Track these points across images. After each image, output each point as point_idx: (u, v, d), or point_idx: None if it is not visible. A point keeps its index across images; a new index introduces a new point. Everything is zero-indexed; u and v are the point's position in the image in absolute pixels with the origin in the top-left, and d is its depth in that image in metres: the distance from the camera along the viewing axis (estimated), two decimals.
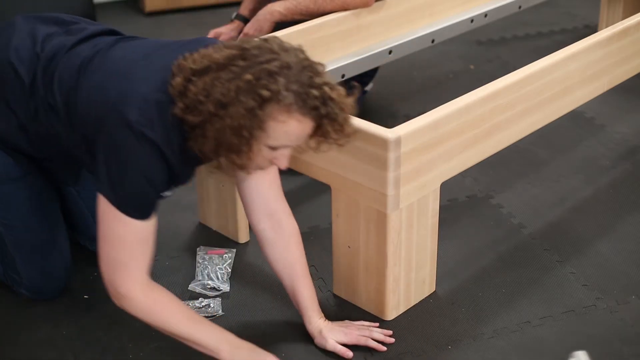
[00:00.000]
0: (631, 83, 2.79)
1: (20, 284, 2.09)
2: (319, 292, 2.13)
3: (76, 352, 1.95)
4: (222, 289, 2.14)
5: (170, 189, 1.79)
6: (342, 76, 2.53)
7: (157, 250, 2.29)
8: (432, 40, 2.79)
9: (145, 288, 1.76)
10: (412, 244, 1.98)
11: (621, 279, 2.18)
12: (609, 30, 2.42)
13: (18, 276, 2.07)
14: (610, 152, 2.81)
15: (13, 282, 2.10)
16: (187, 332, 1.76)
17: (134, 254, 1.73)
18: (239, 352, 1.78)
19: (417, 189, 1.92)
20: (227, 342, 1.78)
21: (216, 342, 1.77)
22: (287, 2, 2.55)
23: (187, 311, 1.80)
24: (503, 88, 2.06)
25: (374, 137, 1.83)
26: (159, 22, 4.03)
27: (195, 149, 1.67)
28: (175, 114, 1.64)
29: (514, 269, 2.23)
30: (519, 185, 2.63)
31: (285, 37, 2.37)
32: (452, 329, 2.01)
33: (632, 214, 2.47)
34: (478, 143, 2.05)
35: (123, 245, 1.72)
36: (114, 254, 1.73)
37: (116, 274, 1.74)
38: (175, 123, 1.65)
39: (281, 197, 1.96)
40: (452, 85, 3.35)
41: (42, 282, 2.08)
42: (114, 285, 1.75)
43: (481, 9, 2.96)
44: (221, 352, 1.76)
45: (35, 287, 2.08)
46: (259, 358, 1.79)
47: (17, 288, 2.10)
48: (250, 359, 1.78)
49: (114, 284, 1.75)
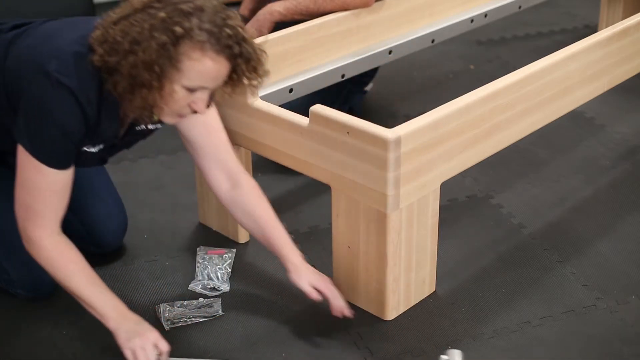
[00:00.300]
0: (631, 83, 2.79)
1: (13, 284, 2.08)
2: None
3: (76, 352, 1.95)
4: (222, 289, 2.14)
5: (93, 143, 1.84)
6: (342, 76, 2.53)
7: (157, 250, 2.30)
8: (432, 40, 2.79)
9: (54, 240, 1.82)
10: (412, 244, 1.98)
11: (621, 279, 2.18)
12: (609, 30, 2.42)
13: (8, 276, 2.07)
14: (610, 152, 2.81)
15: (7, 284, 2.09)
16: (82, 293, 1.82)
17: (47, 203, 1.79)
18: (125, 322, 1.82)
19: (417, 189, 1.92)
20: (117, 311, 1.83)
21: (106, 309, 1.82)
22: (287, 2, 2.55)
23: (89, 272, 1.84)
24: (503, 88, 2.06)
25: (374, 137, 1.83)
26: None
27: (112, 91, 1.72)
28: (93, 61, 1.70)
29: (514, 269, 2.23)
30: (519, 185, 2.63)
31: (285, 37, 2.37)
32: (452, 329, 2.01)
33: (632, 214, 2.47)
34: (478, 143, 2.05)
35: (38, 193, 1.78)
36: (29, 201, 1.79)
37: (29, 221, 1.80)
38: (93, 72, 1.72)
39: (234, 157, 2.03)
40: (452, 85, 3.35)
41: (32, 279, 2.06)
42: (25, 231, 1.81)
43: (481, 9, 2.96)
44: (109, 320, 1.81)
45: (27, 284, 2.07)
46: (143, 331, 1.81)
47: (13, 289, 2.10)
48: (134, 330, 1.81)
49: (26, 230, 1.81)
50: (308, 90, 2.44)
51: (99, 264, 2.24)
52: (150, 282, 2.18)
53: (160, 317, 2.03)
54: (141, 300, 2.11)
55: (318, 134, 1.95)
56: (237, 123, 2.14)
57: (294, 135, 2.01)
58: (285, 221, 2.42)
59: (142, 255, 2.29)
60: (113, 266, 2.24)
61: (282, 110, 2.05)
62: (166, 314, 2.03)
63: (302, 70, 2.44)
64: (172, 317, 2.02)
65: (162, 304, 2.06)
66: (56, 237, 1.82)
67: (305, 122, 1.97)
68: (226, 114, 2.14)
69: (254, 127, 2.10)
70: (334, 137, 1.91)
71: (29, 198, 1.79)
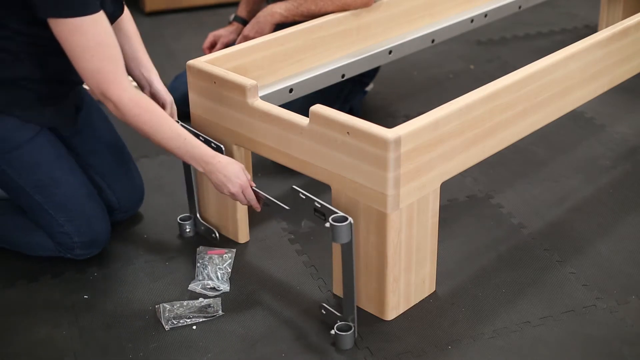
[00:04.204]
0: (631, 83, 2.79)
1: (72, 247, 2.17)
2: (319, 292, 2.13)
3: (76, 352, 1.95)
4: (222, 289, 2.14)
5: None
6: (342, 76, 2.53)
7: (157, 250, 2.30)
8: (432, 40, 2.79)
9: (131, 94, 1.96)
10: (412, 244, 1.99)
11: (621, 279, 2.18)
12: (609, 30, 2.42)
13: (70, 239, 2.15)
14: (610, 152, 2.81)
15: (66, 249, 2.19)
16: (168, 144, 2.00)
17: (106, 57, 1.92)
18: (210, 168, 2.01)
19: (417, 189, 1.92)
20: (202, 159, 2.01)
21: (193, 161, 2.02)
22: (287, 3, 2.55)
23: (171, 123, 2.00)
24: (503, 88, 2.06)
25: (374, 137, 1.83)
26: (159, 22, 4.02)
27: None
28: None
29: (514, 269, 2.23)
30: (519, 185, 2.63)
31: (285, 37, 2.37)
32: (452, 329, 2.01)
33: (632, 214, 2.47)
34: (478, 143, 2.05)
35: (93, 53, 1.91)
36: (91, 65, 1.92)
37: (102, 84, 1.94)
38: None
39: None
40: (452, 85, 3.35)
41: (92, 233, 2.18)
42: (105, 95, 1.95)
43: (481, 9, 2.96)
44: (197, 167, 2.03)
45: (87, 240, 2.18)
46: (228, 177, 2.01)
47: (71, 253, 2.19)
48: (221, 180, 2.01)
49: (105, 95, 1.95)
50: (308, 90, 2.45)
51: (100, 264, 2.24)
52: (150, 282, 2.18)
53: (160, 317, 2.03)
54: (141, 300, 2.11)
55: (318, 134, 1.95)
56: (237, 123, 2.14)
57: (294, 135, 2.01)
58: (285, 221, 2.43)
59: (142, 255, 2.29)
60: (113, 266, 2.24)
61: (282, 110, 2.05)
62: (166, 314, 2.03)
63: (302, 70, 2.44)
64: (172, 317, 2.02)
65: (162, 304, 2.06)
66: (131, 91, 1.97)
67: (305, 122, 1.97)
68: (226, 114, 2.15)
69: (254, 127, 2.10)
70: (334, 137, 1.91)
71: (87, 62, 1.92)
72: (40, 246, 2.21)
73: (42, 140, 2.12)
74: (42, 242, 2.20)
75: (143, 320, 2.04)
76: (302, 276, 2.20)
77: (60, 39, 1.92)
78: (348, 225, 1.84)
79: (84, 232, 2.17)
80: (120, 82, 1.95)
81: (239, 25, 2.81)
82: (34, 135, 2.10)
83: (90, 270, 2.22)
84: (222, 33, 2.79)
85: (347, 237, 1.85)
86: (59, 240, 2.17)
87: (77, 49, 1.92)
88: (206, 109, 2.20)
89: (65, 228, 2.15)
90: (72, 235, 2.16)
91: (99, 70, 1.93)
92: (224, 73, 2.13)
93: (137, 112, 1.97)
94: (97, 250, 2.22)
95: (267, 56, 2.34)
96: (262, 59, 2.32)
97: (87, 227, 2.17)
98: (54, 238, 2.18)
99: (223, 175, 2.01)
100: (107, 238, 2.23)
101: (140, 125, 1.98)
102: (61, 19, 1.89)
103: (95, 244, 2.21)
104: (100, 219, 2.20)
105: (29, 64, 2.05)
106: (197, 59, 2.21)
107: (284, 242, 2.35)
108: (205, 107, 2.21)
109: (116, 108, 1.96)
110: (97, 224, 2.19)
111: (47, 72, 2.07)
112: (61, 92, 2.16)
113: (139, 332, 2.00)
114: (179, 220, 2.37)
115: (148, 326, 2.02)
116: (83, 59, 1.93)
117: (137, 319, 2.05)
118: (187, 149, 2.02)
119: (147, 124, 1.98)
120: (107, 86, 1.94)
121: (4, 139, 2.08)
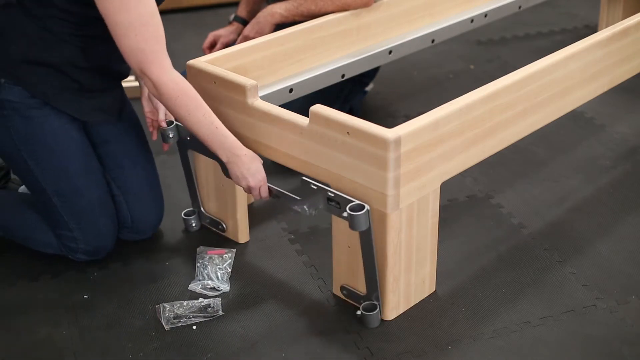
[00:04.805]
0: (631, 83, 2.79)
1: (76, 250, 2.19)
2: (319, 292, 2.13)
3: (76, 352, 1.95)
4: (222, 289, 2.14)
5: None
6: (342, 76, 2.53)
7: (157, 250, 2.30)
8: (432, 40, 2.79)
9: (172, 76, 1.96)
10: (412, 244, 1.98)
11: (621, 279, 2.18)
12: (609, 30, 2.42)
13: (75, 244, 2.17)
14: (610, 152, 2.81)
15: (69, 250, 2.20)
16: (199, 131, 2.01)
17: (150, 37, 1.92)
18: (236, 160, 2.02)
19: (417, 189, 1.92)
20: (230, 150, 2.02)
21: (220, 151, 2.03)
22: (287, 4, 2.55)
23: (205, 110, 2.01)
24: (503, 88, 2.06)
25: (374, 137, 1.83)
26: None
27: None
28: None
29: (514, 269, 2.23)
30: (519, 185, 2.63)
31: (285, 37, 2.37)
32: (452, 329, 2.01)
33: (632, 214, 2.47)
34: (478, 143, 2.05)
35: (138, 32, 1.91)
36: (134, 44, 1.92)
37: (144, 64, 1.94)
38: None
39: None
40: (452, 85, 3.35)
41: (98, 244, 2.19)
42: (145, 74, 1.95)
43: (481, 9, 2.96)
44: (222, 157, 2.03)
45: (91, 249, 2.19)
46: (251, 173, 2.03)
47: (72, 256, 2.21)
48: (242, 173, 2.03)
49: (145, 73, 1.95)
50: (308, 90, 2.45)
51: (100, 264, 2.24)
52: (150, 282, 2.18)
53: (160, 317, 2.03)
54: (141, 300, 2.11)
55: (318, 134, 1.95)
56: (237, 123, 2.14)
57: (294, 135, 2.01)
58: (285, 221, 2.43)
59: (142, 255, 2.29)
60: (113, 266, 2.24)
61: (282, 110, 2.05)
62: (166, 314, 2.03)
63: (302, 70, 2.44)
64: (172, 317, 2.02)
65: (162, 304, 2.06)
66: (172, 72, 1.97)
67: (305, 122, 1.97)
68: (226, 114, 2.14)
69: (254, 127, 2.10)
70: (334, 137, 1.91)
71: (130, 40, 1.91)
72: (45, 244, 2.22)
73: (75, 148, 2.12)
74: (48, 240, 2.21)
75: (143, 320, 2.04)
76: (302, 276, 2.20)
77: (105, 16, 1.92)
78: (365, 213, 1.86)
79: (91, 241, 2.18)
80: (161, 62, 1.95)
81: (239, 25, 2.81)
82: (69, 141, 2.10)
83: (90, 270, 2.22)
84: (222, 33, 2.79)
85: (365, 225, 1.87)
86: (64, 241, 2.18)
87: (121, 26, 1.91)
88: None
89: (74, 233, 2.16)
90: (79, 241, 2.17)
91: (142, 49, 1.92)
92: (224, 73, 2.13)
93: (175, 95, 1.97)
94: (99, 257, 2.23)
95: (267, 56, 2.34)
96: (262, 59, 2.33)
97: (94, 238, 2.18)
98: (60, 238, 2.18)
99: (246, 169, 2.03)
100: (110, 249, 2.24)
101: (177, 107, 1.98)
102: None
103: (98, 253, 2.22)
104: (110, 235, 2.21)
105: (72, 48, 2.04)
106: (197, 59, 2.21)
107: (284, 242, 2.35)
108: None
109: (154, 87, 1.96)
110: (105, 238, 2.20)
111: (91, 59, 2.07)
112: (103, 84, 2.15)
113: (139, 332, 2.00)
114: (184, 216, 2.37)
115: (148, 326, 2.02)
116: (127, 37, 1.92)
117: (137, 319, 2.05)
118: (217, 137, 2.02)
119: (183, 107, 1.98)
120: (148, 66, 1.94)
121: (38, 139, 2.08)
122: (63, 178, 2.12)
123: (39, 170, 2.10)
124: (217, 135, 2.02)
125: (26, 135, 2.07)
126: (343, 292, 2.07)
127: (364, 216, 1.86)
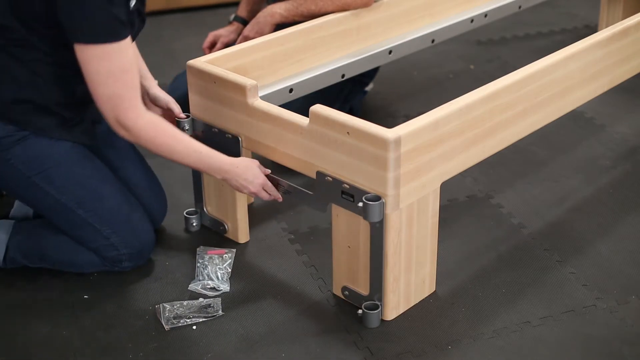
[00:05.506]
0: (631, 83, 2.79)
1: (120, 259, 2.15)
2: (319, 292, 2.13)
3: (76, 352, 1.95)
4: (222, 289, 2.14)
5: None
6: (342, 76, 2.53)
7: (157, 250, 2.30)
8: (432, 40, 2.79)
9: (147, 118, 1.95)
10: (412, 244, 1.98)
11: (621, 279, 2.18)
12: (609, 30, 2.42)
13: (116, 251, 2.13)
14: (610, 152, 2.81)
15: (113, 262, 2.15)
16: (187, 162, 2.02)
17: (126, 83, 1.90)
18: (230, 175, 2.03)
19: (417, 189, 1.92)
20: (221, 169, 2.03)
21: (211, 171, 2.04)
22: (287, 4, 2.55)
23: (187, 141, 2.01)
24: (503, 88, 2.06)
25: (374, 137, 1.83)
26: (158, 22, 4.02)
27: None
28: None
29: (514, 269, 2.23)
30: (519, 185, 2.63)
31: (285, 37, 2.37)
32: (452, 329, 2.01)
33: (632, 214, 2.47)
34: (478, 143, 2.05)
35: (115, 78, 1.89)
36: (109, 90, 1.90)
37: (118, 108, 1.92)
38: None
39: None
40: (452, 85, 3.35)
41: (138, 243, 2.15)
42: (119, 120, 1.93)
43: (481, 9, 2.96)
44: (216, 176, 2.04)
45: (134, 251, 2.15)
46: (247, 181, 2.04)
47: (119, 266, 2.17)
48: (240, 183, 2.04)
49: (119, 119, 1.93)
50: (308, 90, 2.45)
51: None
52: (150, 282, 2.18)
53: (160, 317, 2.03)
54: (141, 300, 2.11)
55: (318, 134, 1.95)
56: (237, 123, 2.14)
57: (294, 135, 2.01)
58: (285, 221, 2.43)
59: None
60: None
61: (282, 110, 2.05)
62: (166, 314, 2.03)
63: (302, 70, 2.44)
64: (172, 317, 2.02)
65: (162, 304, 2.06)
66: (146, 114, 1.96)
67: (305, 122, 1.97)
68: (226, 114, 2.15)
69: (254, 127, 2.11)
70: (334, 137, 1.91)
71: (108, 88, 1.90)
72: (87, 263, 2.17)
73: (79, 155, 2.10)
74: (89, 259, 2.15)
75: (143, 320, 2.04)
76: (302, 276, 2.20)
77: (83, 63, 1.89)
78: (380, 204, 1.86)
79: (131, 242, 2.14)
80: (137, 107, 1.94)
81: (239, 25, 2.81)
82: (70, 150, 2.09)
83: None
84: (222, 33, 2.79)
85: (379, 216, 1.88)
86: (105, 254, 2.13)
87: (100, 74, 1.89)
88: (206, 109, 2.20)
89: (111, 240, 2.12)
90: (119, 246, 2.13)
91: (119, 95, 1.91)
92: (224, 73, 2.13)
93: (154, 135, 1.96)
94: (143, 261, 2.20)
95: (267, 56, 2.34)
96: (262, 59, 2.33)
97: (133, 237, 2.14)
98: (100, 252, 2.13)
99: (243, 179, 2.04)
100: (152, 248, 2.21)
101: (157, 147, 1.97)
102: (91, 45, 1.86)
103: (142, 255, 2.18)
104: (146, 230, 2.18)
105: (61, 88, 2.03)
106: (197, 59, 2.21)
107: (284, 242, 2.35)
108: (205, 107, 2.21)
109: (129, 133, 1.94)
110: (143, 234, 2.17)
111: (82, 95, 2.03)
112: (93, 114, 2.13)
113: (139, 332, 2.00)
114: (186, 214, 2.37)
115: (148, 326, 2.02)
116: (105, 84, 1.90)
117: (137, 319, 2.05)
118: (204, 162, 2.02)
119: (164, 145, 1.98)
120: (124, 112, 1.92)
121: (43, 158, 2.05)
122: (79, 186, 2.09)
123: (53, 188, 2.07)
124: (203, 159, 2.02)
125: (30, 159, 2.04)
126: (344, 293, 2.07)
127: (378, 206, 1.86)
